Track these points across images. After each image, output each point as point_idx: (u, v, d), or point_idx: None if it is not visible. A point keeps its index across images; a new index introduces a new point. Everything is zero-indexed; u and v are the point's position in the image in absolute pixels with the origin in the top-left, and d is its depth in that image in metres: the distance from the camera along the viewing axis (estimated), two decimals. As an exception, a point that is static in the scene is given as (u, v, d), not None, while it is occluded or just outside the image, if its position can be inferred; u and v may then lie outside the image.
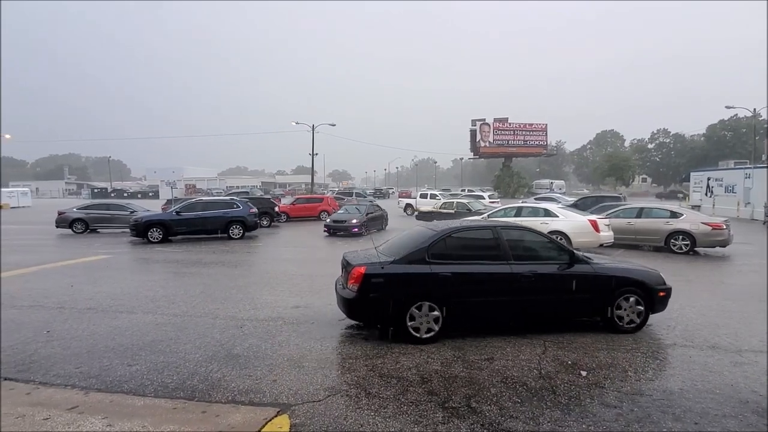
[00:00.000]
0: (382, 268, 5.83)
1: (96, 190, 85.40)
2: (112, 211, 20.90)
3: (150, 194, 78.41)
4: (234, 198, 21.13)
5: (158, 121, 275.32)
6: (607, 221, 13.94)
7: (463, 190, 52.37)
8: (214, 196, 39.33)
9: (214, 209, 18.23)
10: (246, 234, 18.33)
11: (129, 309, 7.52)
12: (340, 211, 21.55)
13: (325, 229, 19.57)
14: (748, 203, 26.43)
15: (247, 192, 41.27)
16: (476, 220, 12.07)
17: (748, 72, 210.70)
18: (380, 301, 5.80)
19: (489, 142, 70.27)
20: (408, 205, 33.08)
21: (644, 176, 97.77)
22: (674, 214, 14.29)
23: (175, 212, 17.79)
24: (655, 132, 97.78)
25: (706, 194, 31.39)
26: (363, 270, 5.78)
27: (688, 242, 13.57)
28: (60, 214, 20.42)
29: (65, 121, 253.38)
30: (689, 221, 13.85)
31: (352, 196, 41.36)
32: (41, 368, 5.05)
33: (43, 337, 6.12)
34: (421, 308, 5.75)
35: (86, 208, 21.58)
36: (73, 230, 19.94)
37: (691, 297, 8.18)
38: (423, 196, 34.32)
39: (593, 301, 6.23)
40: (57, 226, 20.25)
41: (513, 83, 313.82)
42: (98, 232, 20.44)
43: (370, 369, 5.00)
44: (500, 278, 6.00)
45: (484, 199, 33.88)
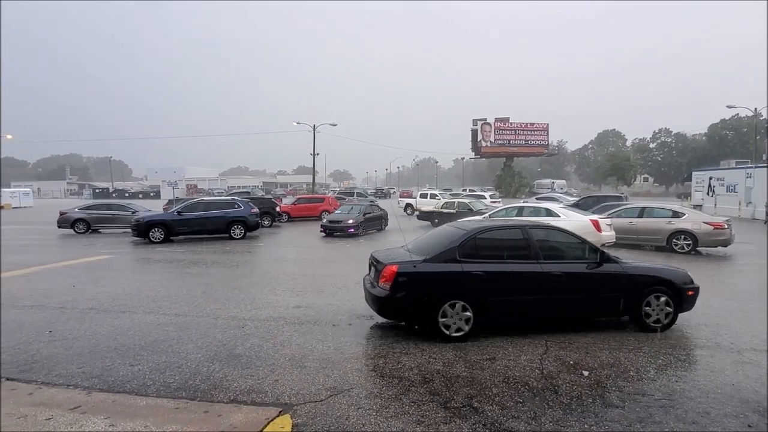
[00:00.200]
0: (414, 266, 5.88)
1: (97, 191, 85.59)
2: (113, 212, 20.96)
3: (151, 194, 78.59)
4: (235, 198, 21.12)
5: (158, 121, 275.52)
6: (608, 221, 13.92)
7: (465, 190, 52.33)
8: (216, 196, 39.35)
9: (215, 209, 18.24)
10: (247, 234, 18.35)
11: (131, 309, 7.54)
12: (336, 212, 21.30)
13: (321, 229, 19.32)
14: (750, 203, 26.40)
15: (248, 192, 41.30)
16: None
17: (748, 72, 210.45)
18: (412, 300, 5.85)
19: (490, 141, 70.26)
20: (408, 205, 33.07)
21: (646, 176, 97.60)
22: (676, 214, 14.29)
23: (177, 212, 17.82)
24: (657, 131, 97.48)
25: (707, 194, 31.35)
26: (395, 268, 5.82)
27: (690, 242, 13.57)
28: (62, 214, 20.49)
29: (65, 121, 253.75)
30: (691, 221, 13.84)
31: (353, 196, 41.35)
32: (43, 368, 5.07)
33: (45, 337, 6.13)
34: (453, 306, 5.79)
35: (88, 208, 21.66)
36: (74, 230, 19.99)
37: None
38: (423, 196, 34.30)
39: (623, 300, 6.26)
40: (59, 227, 20.33)
41: (513, 83, 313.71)
42: (100, 233, 20.50)
43: (371, 369, 5.00)
44: (531, 277, 6.03)
45: (485, 198, 33.86)
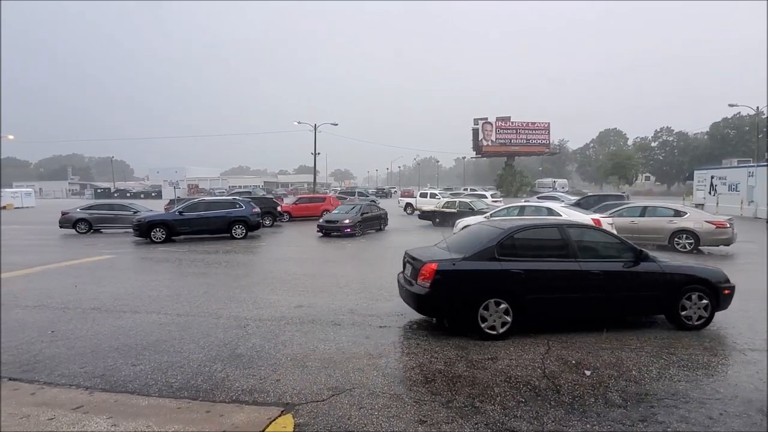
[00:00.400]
0: (454, 264, 5.92)
1: (99, 191, 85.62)
2: (115, 212, 20.99)
3: (153, 194, 78.65)
4: (236, 198, 21.10)
5: (158, 121, 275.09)
6: (610, 220, 13.89)
7: (466, 189, 52.28)
8: (217, 195, 39.40)
9: (216, 209, 18.26)
10: (249, 234, 18.35)
11: (133, 309, 7.55)
12: (334, 211, 21.09)
13: (318, 229, 19.14)
14: (752, 201, 26.33)
15: (249, 192, 41.39)
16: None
17: (748, 72, 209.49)
18: (451, 297, 5.89)
19: (491, 140, 70.13)
20: (408, 205, 33.12)
21: (647, 175, 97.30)
22: (678, 213, 14.25)
23: (178, 212, 17.84)
24: (659, 130, 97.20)
25: (709, 193, 31.28)
26: (435, 266, 5.85)
27: (692, 241, 13.54)
28: (63, 214, 20.54)
29: (65, 121, 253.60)
30: (693, 220, 13.80)
31: (354, 196, 41.37)
32: (46, 368, 5.08)
33: (47, 337, 6.15)
34: (492, 304, 5.83)
35: (89, 208, 21.69)
36: (76, 230, 20.02)
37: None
38: (423, 195, 34.32)
39: (660, 299, 6.26)
40: (60, 227, 20.37)
41: (513, 83, 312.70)
42: (101, 233, 20.53)
43: (373, 368, 5.00)
44: (570, 275, 6.04)
45: (486, 198, 33.84)
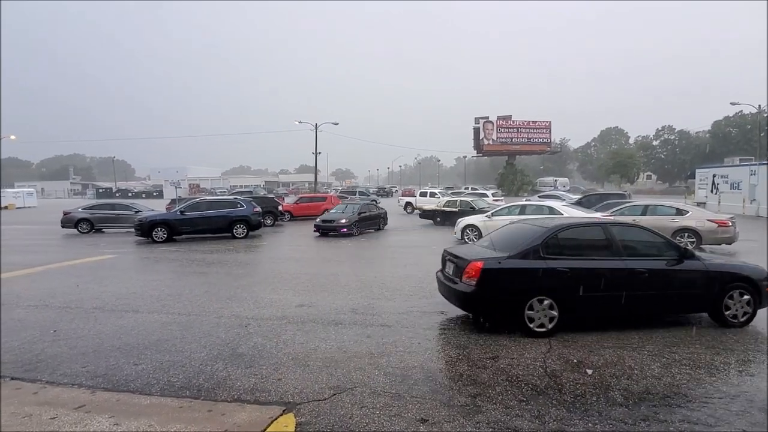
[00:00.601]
0: (500, 263, 5.96)
1: (101, 190, 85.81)
2: (117, 211, 21.04)
3: (154, 194, 78.69)
4: (238, 197, 21.12)
5: (158, 121, 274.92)
6: (611, 219, 13.87)
7: (467, 188, 52.22)
8: (218, 195, 39.44)
9: (218, 209, 18.29)
10: (250, 233, 18.37)
11: (134, 308, 7.57)
12: (331, 211, 20.96)
13: (315, 228, 18.95)
14: (754, 200, 26.24)
15: (250, 191, 41.39)
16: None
17: (748, 72, 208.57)
18: (498, 295, 5.93)
19: (492, 139, 70.00)
20: (408, 204, 33.13)
21: (649, 173, 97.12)
22: (680, 212, 14.21)
23: (180, 212, 17.88)
24: (660, 129, 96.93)
25: (711, 191, 31.19)
26: (481, 265, 5.88)
27: (693, 239, 13.49)
28: (65, 214, 20.59)
29: (65, 121, 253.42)
30: (695, 218, 13.77)
31: (355, 195, 41.37)
32: (48, 367, 5.09)
33: (49, 336, 6.16)
34: (539, 302, 5.85)
35: (91, 208, 21.76)
36: (78, 230, 20.07)
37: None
38: (423, 194, 34.33)
39: (704, 296, 6.29)
40: (62, 226, 20.42)
41: (513, 83, 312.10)
42: (103, 232, 20.58)
43: (375, 367, 5.00)
44: (615, 273, 6.07)
45: (487, 197, 33.82)
